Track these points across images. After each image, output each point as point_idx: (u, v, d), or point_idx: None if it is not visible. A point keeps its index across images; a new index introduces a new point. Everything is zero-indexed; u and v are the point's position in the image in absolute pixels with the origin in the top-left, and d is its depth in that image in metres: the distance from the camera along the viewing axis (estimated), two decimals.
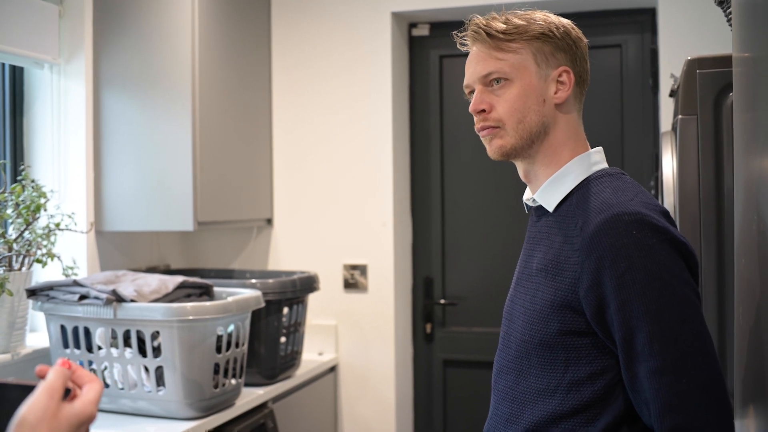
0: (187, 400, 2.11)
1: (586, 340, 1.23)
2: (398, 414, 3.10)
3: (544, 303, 1.26)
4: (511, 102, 1.30)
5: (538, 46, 1.31)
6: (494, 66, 1.31)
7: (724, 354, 1.68)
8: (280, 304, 2.58)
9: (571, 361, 1.24)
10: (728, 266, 1.66)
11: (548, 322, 1.25)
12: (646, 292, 1.15)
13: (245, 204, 3.00)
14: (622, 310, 1.16)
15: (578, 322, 1.23)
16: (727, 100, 1.68)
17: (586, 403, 1.23)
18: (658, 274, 1.15)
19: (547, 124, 1.32)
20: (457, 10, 3.01)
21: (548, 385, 1.26)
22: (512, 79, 1.30)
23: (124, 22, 2.67)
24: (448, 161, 3.23)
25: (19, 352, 2.30)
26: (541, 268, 1.30)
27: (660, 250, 1.16)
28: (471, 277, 3.20)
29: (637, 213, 1.18)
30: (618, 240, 1.17)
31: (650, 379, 1.15)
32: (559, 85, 1.32)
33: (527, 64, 1.31)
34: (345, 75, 3.13)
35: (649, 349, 1.15)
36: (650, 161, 2.97)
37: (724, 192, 1.67)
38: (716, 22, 2.51)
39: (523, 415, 1.28)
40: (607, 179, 1.30)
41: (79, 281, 2.17)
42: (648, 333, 1.15)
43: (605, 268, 1.17)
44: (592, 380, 1.22)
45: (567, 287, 1.23)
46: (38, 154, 2.65)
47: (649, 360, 1.15)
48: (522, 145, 1.32)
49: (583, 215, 1.24)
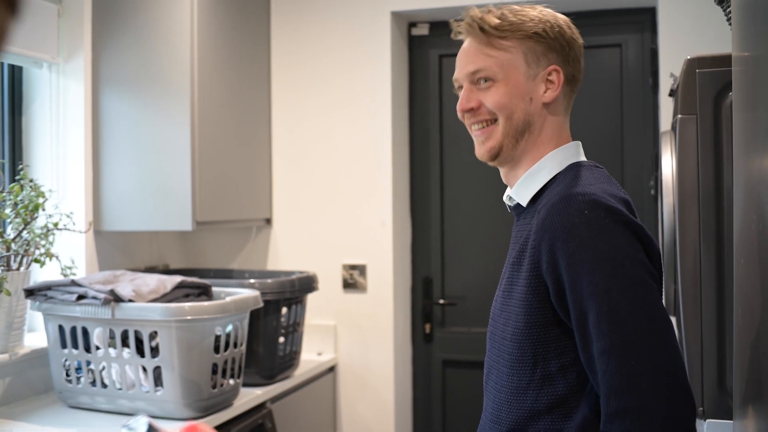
0: (185, 401, 2.10)
1: (555, 332, 1.21)
2: (397, 414, 3.10)
3: (517, 296, 1.26)
4: (498, 99, 1.30)
5: (529, 45, 1.30)
6: (483, 63, 1.30)
7: (723, 354, 1.68)
8: (279, 304, 2.57)
9: (539, 356, 1.22)
10: (727, 266, 1.66)
11: (518, 316, 1.24)
12: (594, 271, 1.14)
13: (244, 204, 3.00)
14: (573, 290, 1.16)
15: (544, 312, 1.21)
16: (726, 100, 1.67)
17: (562, 397, 1.21)
18: (608, 253, 1.14)
19: (532, 122, 1.31)
20: (456, 9, 2.99)
21: (519, 382, 1.25)
22: (499, 79, 1.30)
23: (123, 21, 2.67)
24: (447, 161, 3.23)
25: (17, 352, 2.30)
26: (513, 263, 1.30)
27: (613, 230, 1.15)
28: (470, 277, 3.20)
29: (590, 194, 1.18)
30: (569, 220, 1.17)
31: (599, 360, 1.14)
32: (549, 84, 1.31)
33: (516, 63, 1.30)
34: (344, 74, 3.12)
35: (598, 330, 1.14)
36: (650, 161, 2.96)
37: (724, 191, 1.67)
38: (716, 22, 2.50)
39: (504, 415, 1.27)
40: (575, 170, 1.28)
41: (77, 281, 2.17)
42: (596, 313, 1.14)
43: (558, 248, 1.17)
44: (563, 373, 1.21)
45: (531, 274, 1.22)
46: (37, 154, 2.65)
47: (598, 340, 1.14)
48: (509, 144, 1.31)
49: (545, 202, 1.24)
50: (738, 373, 1.17)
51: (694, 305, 1.67)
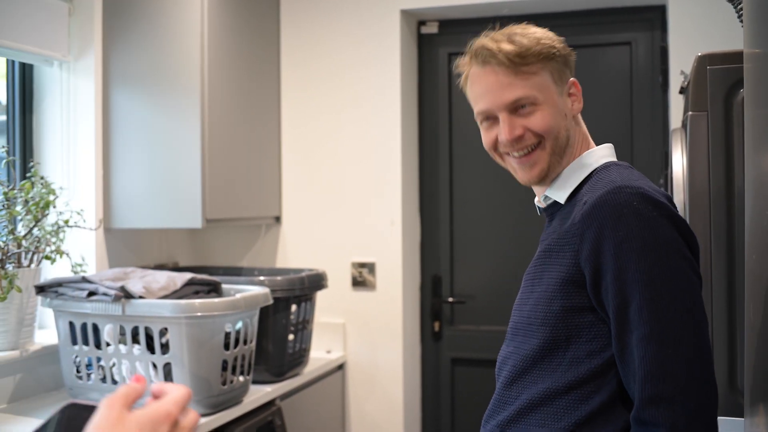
0: (195, 397, 2.11)
1: (589, 318, 1.25)
2: (406, 412, 3.10)
3: (549, 282, 1.29)
4: (546, 122, 1.33)
5: (552, 65, 1.35)
6: (522, 90, 1.32)
7: (734, 352, 1.67)
8: (288, 302, 2.58)
9: (572, 339, 1.26)
10: (739, 263, 1.65)
11: (552, 300, 1.28)
12: (641, 260, 1.17)
13: (254, 201, 3.00)
14: (618, 278, 1.19)
15: (581, 297, 1.25)
16: (738, 96, 1.67)
17: (582, 380, 1.25)
18: (654, 245, 1.18)
19: (570, 136, 1.38)
20: (465, 7, 3.00)
21: (550, 364, 1.28)
22: (540, 101, 1.33)
23: (134, 19, 2.68)
24: (456, 159, 3.23)
25: (28, 349, 2.31)
26: (547, 250, 1.33)
27: (659, 222, 1.19)
28: (479, 275, 3.20)
29: (639, 187, 1.22)
30: (618, 209, 1.20)
31: (638, 347, 1.17)
32: (573, 96, 1.37)
33: (547, 83, 1.34)
34: (354, 73, 3.12)
35: (639, 317, 1.17)
36: (660, 158, 2.95)
37: (735, 188, 1.66)
38: (726, 19, 2.50)
39: (522, 395, 1.31)
40: (615, 167, 1.34)
41: (87, 278, 2.17)
42: (639, 300, 1.17)
43: (605, 237, 1.20)
44: (590, 358, 1.25)
45: (569, 261, 1.26)
46: (48, 151, 2.66)
47: (638, 327, 1.17)
48: (555, 162, 1.36)
49: (589, 194, 1.28)
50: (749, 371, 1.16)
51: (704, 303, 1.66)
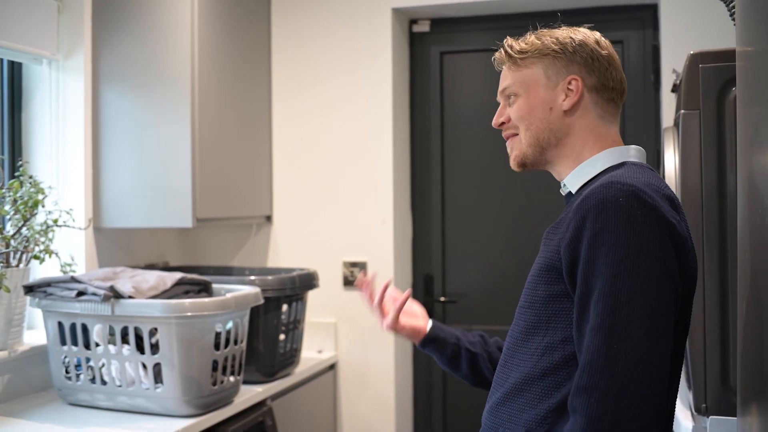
0: (185, 398, 2.09)
1: (567, 305, 1.28)
2: (398, 412, 3.09)
3: (537, 267, 1.34)
4: (518, 111, 1.42)
5: (549, 61, 1.41)
6: (508, 81, 1.45)
7: (726, 351, 1.67)
8: (279, 301, 2.57)
9: (550, 324, 1.30)
10: (731, 261, 1.65)
11: (537, 284, 1.32)
12: (610, 254, 1.18)
13: (244, 201, 2.99)
14: (586, 268, 1.21)
15: (561, 284, 1.28)
16: (730, 95, 1.67)
17: (556, 366, 1.28)
18: (627, 241, 1.18)
19: (556, 130, 1.40)
20: (457, 6, 2.99)
21: (529, 348, 1.32)
22: (520, 93, 1.42)
23: (124, 17, 2.66)
24: (448, 158, 3.22)
25: (17, 350, 2.29)
26: (545, 237, 1.38)
27: (641, 222, 1.19)
28: (471, 274, 3.19)
29: (630, 185, 1.22)
30: (603, 203, 1.21)
31: (588, 335, 1.19)
32: (568, 92, 1.40)
33: (536, 77, 1.41)
34: (345, 71, 3.11)
35: (595, 308, 1.18)
36: (652, 157, 2.96)
37: (727, 186, 1.67)
38: (718, 18, 2.50)
39: (509, 377, 1.35)
40: (628, 166, 1.34)
41: (76, 277, 2.16)
42: (599, 292, 1.18)
43: (585, 227, 1.22)
44: (564, 344, 1.28)
45: (554, 248, 1.30)
46: (36, 150, 2.64)
47: (593, 318, 1.18)
48: (533, 152, 1.42)
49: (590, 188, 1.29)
50: (741, 370, 1.16)
51: (697, 301, 1.66)
